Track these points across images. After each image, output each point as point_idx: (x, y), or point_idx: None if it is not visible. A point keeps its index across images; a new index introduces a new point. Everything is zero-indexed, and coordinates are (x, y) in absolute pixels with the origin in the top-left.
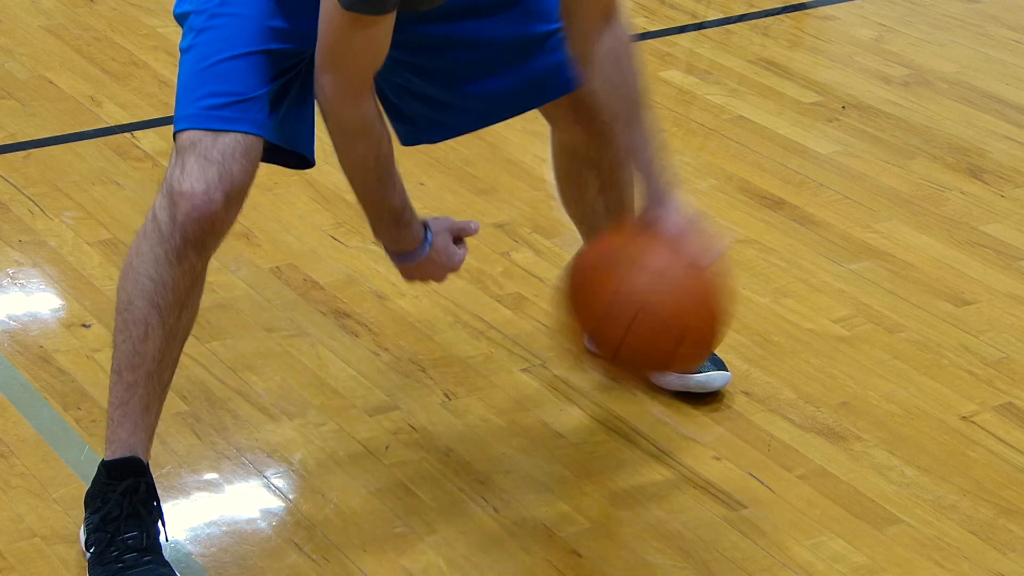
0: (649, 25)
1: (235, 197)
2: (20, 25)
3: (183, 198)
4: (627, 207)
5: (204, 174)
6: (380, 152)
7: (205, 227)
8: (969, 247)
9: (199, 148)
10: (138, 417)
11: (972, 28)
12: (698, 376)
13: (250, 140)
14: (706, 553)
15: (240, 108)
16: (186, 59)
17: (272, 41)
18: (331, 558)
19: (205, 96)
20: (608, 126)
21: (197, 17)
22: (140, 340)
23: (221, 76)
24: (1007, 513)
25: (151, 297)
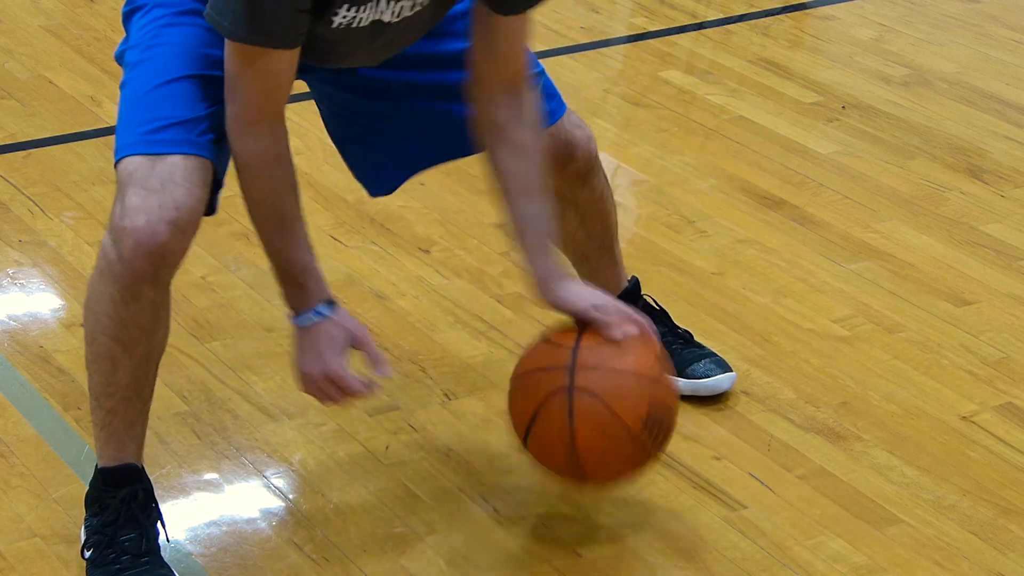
0: (649, 25)
1: (182, 224)
2: (20, 25)
3: (126, 234)
4: (610, 233)
5: (144, 205)
6: (278, 197)
7: (155, 261)
8: (969, 247)
9: (137, 178)
10: (123, 434)
11: (972, 28)
12: (707, 380)
13: (191, 162)
14: (706, 553)
15: (177, 130)
16: (123, 94)
17: (208, 68)
18: (331, 558)
19: (142, 123)
20: (582, 170)
21: (133, 51)
22: (110, 372)
23: (157, 101)
24: (1007, 513)
25: (112, 334)
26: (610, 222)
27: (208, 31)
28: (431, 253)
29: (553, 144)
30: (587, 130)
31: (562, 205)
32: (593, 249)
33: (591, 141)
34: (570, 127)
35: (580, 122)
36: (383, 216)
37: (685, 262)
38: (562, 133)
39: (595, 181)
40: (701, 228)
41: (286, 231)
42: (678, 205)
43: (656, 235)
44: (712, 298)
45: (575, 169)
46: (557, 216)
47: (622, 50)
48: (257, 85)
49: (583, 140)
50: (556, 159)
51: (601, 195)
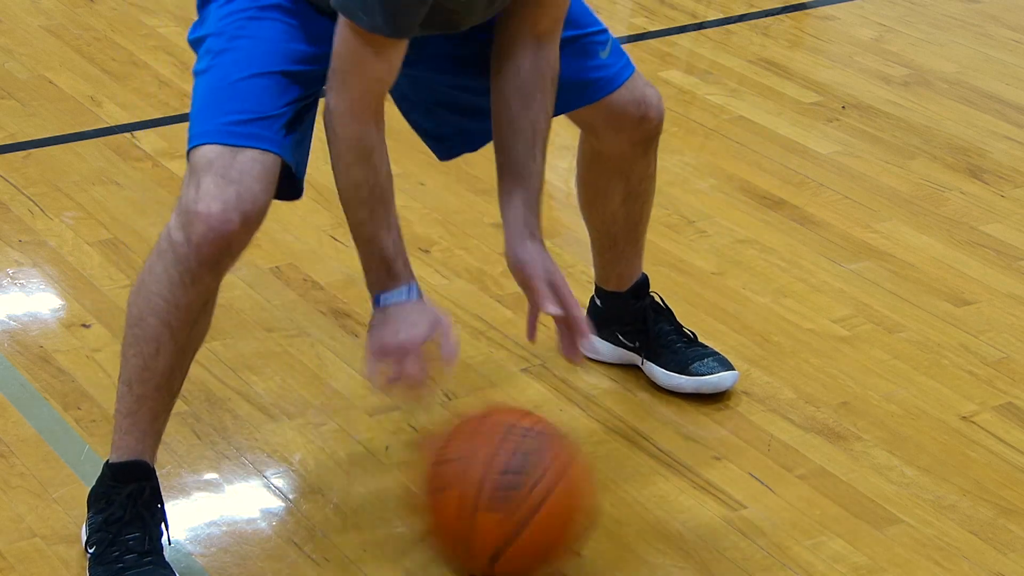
0: (649, 25)
1: (253, 218)
2: (20, 25)
3: (199, 218)
4: (645, 220)
5: (221, 193)
6: (376, 183)
7: (221, 248)
8: (969, 247)
9: (216, 167)
10: (147, 426)
11: (972, 28)
12: (710, 377)
13: (269, 159)
14: (706, 553)
15: (260, 125)
16: (203, 80)
17: (292, 63)
18: (331, 558)
19: (225, 113)
20: (653, 131)
21: (216, 39)
22: (151, 356)
23: (241, 94)
24: (1007, 513)
25: (163, 316)
26: (648, 207)
27: (292, 27)
28: (431, 253)
29: (629, 100)
30: (657, 91)
31: (614, 176)
32: (624, 233)
33: (661, 101)
34: (643, 84)
35: (650, 83)
36: None
37: (685, 262)
38: (637, 89)
39: (653, 155)
40: (701, 228)
41: (383, 216)
42: (678, 205)
43: (656, 235)
44: (712, 298)
45: (646, 130)
46: (604, 191)
47: None
48: (376, 74)
49: (655, 98)
50: (630, 117)
51: (652, 174)
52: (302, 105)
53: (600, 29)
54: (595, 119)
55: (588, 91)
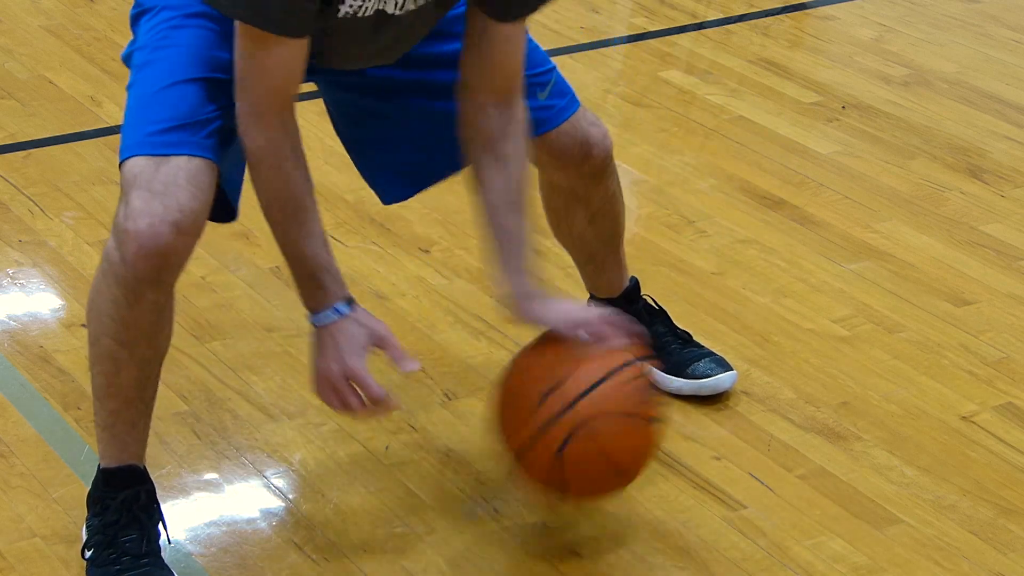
0: (649, 25)
1: (185, 227)
2: (20, 25)
3: (128, 236)
4: (618, 232)
5: (148, 208)
6: (290, 193)
7: (158, 263)
8: (969, 247)
9: (140, 180)
10: (126, 435)
11: (972, 28)
12: (709, 379)
13: (196, 163)
14: (706, 553)
15: (184, 132)
16: (130, 95)
17: (216, 70)
18: (331, 558)
19: (148, 123)
20: (598, 167)
21: (141, 52)
22: (112, 374)
23: (163, 103)
24: (1007, 513)
25: (114, 336)
26: (619, 222)
27: (216, 33)
28: (431, 253)
29: (569, 141)
30: (603, 127)
31: (573, 203)
32: (600, 248)
33: (607, 138)
34: (586, 124)
35: (595, 119)
36: (383, 216)
37: (685, 262)
38: (578, 130)
39: (609, 180)
40: (701, 228)
41: (301, 226)
42: (678, 205)
43: (656, 235)
44: (712, 298)
45: (590, 167)
46: (567, 217)
47: (622, 50)
48: (266, 75)
49: (599, 137)
50: (571, 156)
51: (613, 195)
52: (229, 113)
53: (541, 71)
54: (538, 156)
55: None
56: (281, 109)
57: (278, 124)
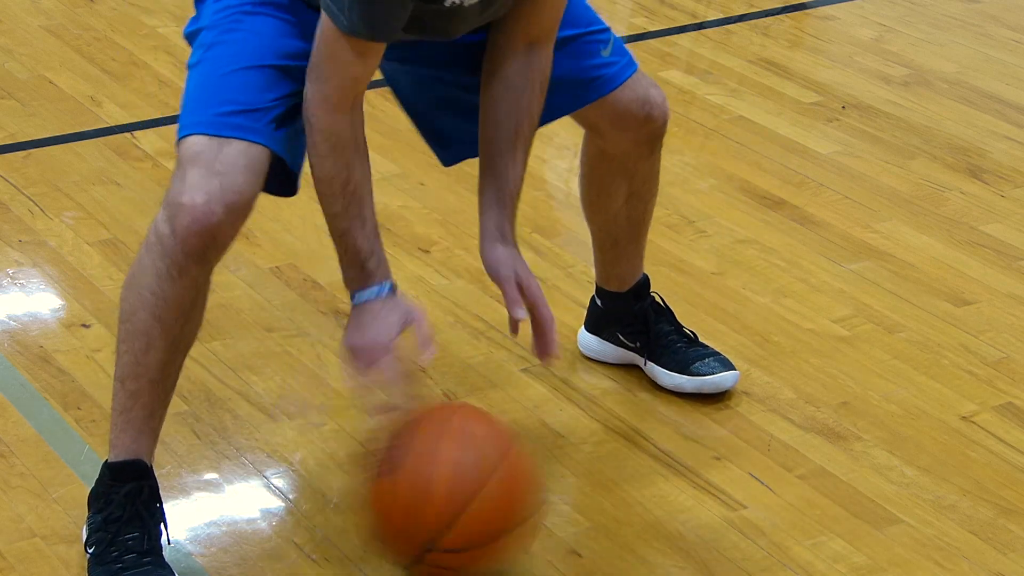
0: (649, 25)
1: (238, 209)
2: (20, 25)
3: (183, 210)
4: (647, 220)
5: (206, 185)
6: (350, 178)
7: (206, 240)
8: (969, 247)
9: (202, 159)
10: (142, 423)
11: (972, 28)
12: (711, 377)
13: (256, 151)
14: (706, 553)
15: (248, 117)
16: (195, 72)
17: (284, 58)
18: (331, 558)
19: (213, 104)
20: (658, 131)
21: (209, 32)
22: (142, 352)
23: (231, 86)
24: (1007, 513)
25: (153, 310)
26: (650, 208)
27: (285, 23)
28: (431, 253)
29: (632, 99)
30: (662, 91)
31: (619, 176)
32: (627, 232)
33: (666, 103)
34: (647, 84)
35: (654, 82)
36: (383, 216)
37: (685, 262)
38: (640, 88)
39: (658, 154)
40: (701, 228)
41: (357, 212)
42: (678, 205)
43: (656, 235)
44: (712, 298)
45: (651, 129)
46: (607, 190)
47: None
48: (352, 71)
49: (660, 99)
50: (633, 116)
51: (656, 173)
52: (295, 101)
53: (602, 28)
54: (599, 119)
55: (589, 89)
56: (354, 97)
57: (347, 112)
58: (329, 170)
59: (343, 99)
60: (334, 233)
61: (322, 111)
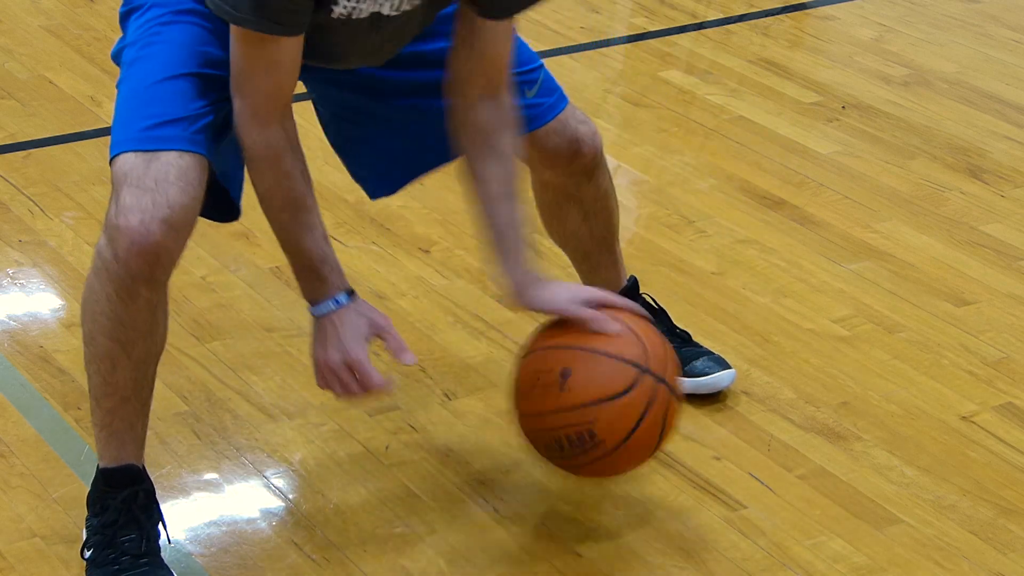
0: (649, 25)
1: (176, 223)
2: (20, 25)
3: (119, 233)
4: (612, 230)
5: (138, 204)
6: (292, 188)
7: (149, 260)
8: (969, 247)
9: (131, 177)
10: (124, 434)
11: (972, 28)
12: (707, 378)
13: (186, 159)
14: (706, 553)
15: (173, 127)
16: (120, 91)
17: (206, 66)
18: (331, 558)
19: (138, 119)
20: (588, 165)
21: (131, 49)
22: (109, 372)
23: (153, 98)
24: (1007, 513)
25: (110, 334)
26: (613, 220)
27: (206, 30)
28: (431, 253)
29: (557, 139)
30: (591, 125)
31: (566, 202)
32: (594, 247)
33: (596, 136)
34: (575, 122)
35: (584, 117)
36: (383, 216)
37: (685, 262)
38: (567, 128)
39: (600, 178)
40: (701, 228)
41: (302, 220)
42: (678, 205)
43: (656, 235)
44: (712, 298)
45: (580, 165)
46: (559, 214)
47: (622, 50)
48: (265, 76)
49: (588, 135)
50: (560, 154)
51: (606, 192)
52: (219, 110)
53: (531, 68)
54: (528, 154)
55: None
56: (280, 107)
57: (277, 123)
58: (270, 184)
59: (270, 111)
60: (285, 246)
61: (252, 127)
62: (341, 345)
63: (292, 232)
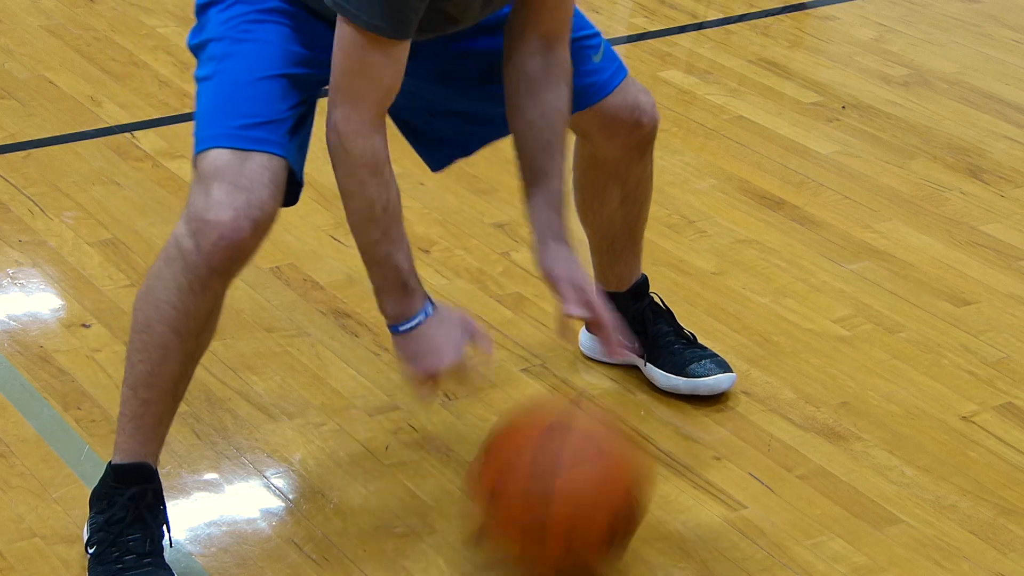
0: (649, 25)
1: (263, 224)
2: (20, 25)
3: (209, 226)
4: (643, 221)
5: (232, 201)
6: (389, 199)
7: (233, 256)
8: (969, 247)
9: (226, 173)
10: (151, 430)
11: (972, 28)
12: (707, 379)
13: (277, 163)
14: (706, 553)
15: (268, 129)
16: (208, 85)
17: (295, 66)
18: (331, 558)
19: (232, 117)
20: (647, 136)
21: (219, 44)
22: (158, 363)
23: (248, 98)
24: (1007, 513)
25: (171, 323)
26: (646, 209)
27: (291, 29)
28: (431, 253)
29: (622, 106)
30: (651, 97)
31: (611, 181)
32: (622, 235)
33: (655, 109)
34: (635, 90)
35: (644, 88)
36: None
37: (685, 262)
38: (629, 95)
39: (649, 158)
40: (701, 228)
41: (395, 233)
42: (678, 205)
43: (656, 235)
44: (712, 298)
45: (640, 136)
46: (600, 194)
47: (622, 50)
48: (382, 79)
49: (648, 105)
50: (623, 123)
51: (649, 176)
52: (304, 109)
53: (592, 33)
54: (588, 125)
55: (580, 97)
56: (384, 114)
57: (381, 131)
58: (371, 195)
59: (378, 117)
60: (373, 259)
61: (359, 135)
62: (443, 352)
63: (385, 245)
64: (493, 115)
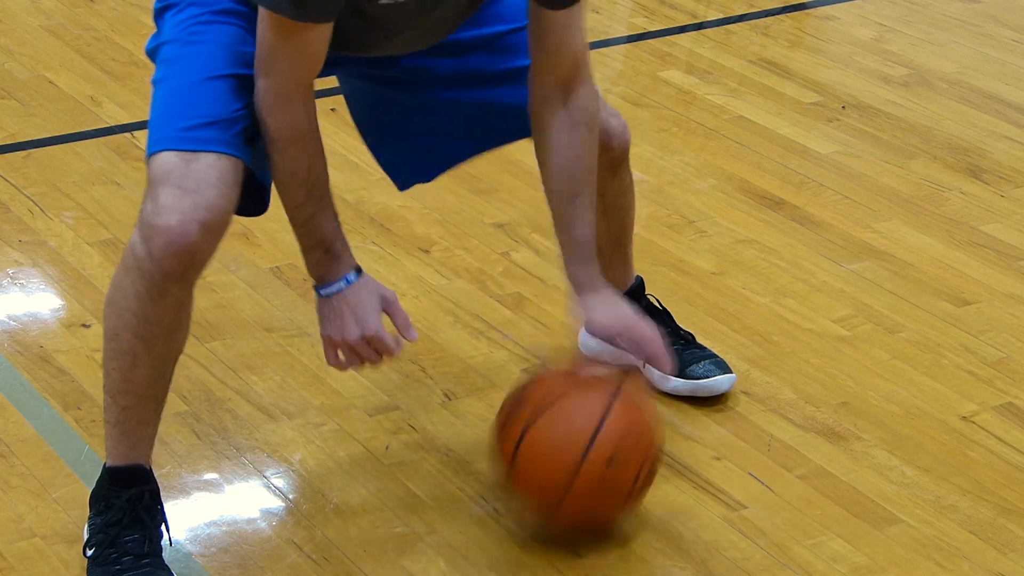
0: (649, 25)
1: (213, 226)
2: (20, 25)
3: (157, 232)
4: (628, 229)
5: (179, 204)
6: (312, 166)
7: (184, 260)
8: (969, 247)
9: (172, 176)
10: (137, 433)
11: (972, 28)
12: (706, 381)
13: (226, 163)
14: (706, 553)
15: (216, 128)
16: (160, 88)
17: (244, 66)
18: (331, 558)
19: (179, 119)
20: (616, 159)
21: (170, 46)
22: (129, 369)
23: (196, 99)
24: (1007, 513)
25: (135, 331)
26: (629, 219)
27: (243, 30)
28: (431, 253)
29: None
30: (622, 120)
31: None
32: (609, 244)
33: (626, 131)
34: (605, 115)
35: (615, 111)
36: (383, 216)
37: (685, 262)
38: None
39: (624, 174)
40: (701, 228)
41: (319, 196)
42: (678, 205)
43: (656, 235)
44: (712, 298)
45: (609, 159)
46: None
47: (622, 50)
48: (295, 59)
49: (618, 129)
50: None
51: (627, 189)
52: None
53: None
54: None
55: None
56: (305, 91)
57: (301, 103)
58: (291, 162)
59: (294, 92)
60: (297, 223)
61: (276, 107)
62: (358, 321)
63: (308, 210)
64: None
